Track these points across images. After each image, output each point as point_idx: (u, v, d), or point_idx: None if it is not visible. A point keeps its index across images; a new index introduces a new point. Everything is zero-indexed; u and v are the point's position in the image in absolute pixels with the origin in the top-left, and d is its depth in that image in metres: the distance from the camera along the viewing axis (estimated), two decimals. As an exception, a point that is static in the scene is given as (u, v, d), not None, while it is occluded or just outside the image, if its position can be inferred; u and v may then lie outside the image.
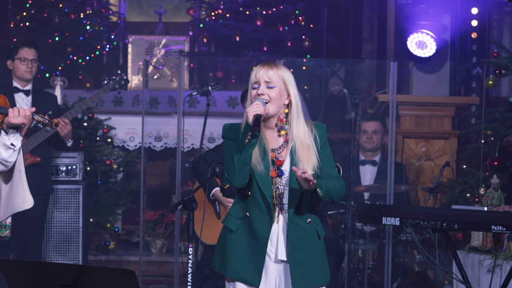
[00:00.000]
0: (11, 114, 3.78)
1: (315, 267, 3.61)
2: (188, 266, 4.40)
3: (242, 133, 3.49)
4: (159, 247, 7.55)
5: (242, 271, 3.57)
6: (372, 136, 6.60)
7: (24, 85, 5.91)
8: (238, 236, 3.60)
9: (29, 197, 3.97)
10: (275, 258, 3.59)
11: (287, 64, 8.04)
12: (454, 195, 6.20)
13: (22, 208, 3.98)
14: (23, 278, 3.13)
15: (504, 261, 4.81)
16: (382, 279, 6.07)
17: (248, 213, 3.58)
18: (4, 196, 3.96)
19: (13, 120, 3.78)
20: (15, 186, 3.94)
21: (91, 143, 7.20)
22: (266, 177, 3.54)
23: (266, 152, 3.55)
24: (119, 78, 5.84)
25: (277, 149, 3.59)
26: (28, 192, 3.96)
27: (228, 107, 8.76)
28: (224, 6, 9.34)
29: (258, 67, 3.59)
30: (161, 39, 9.21)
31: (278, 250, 3.58)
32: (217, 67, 9.28)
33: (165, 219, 7.62)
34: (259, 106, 3.47)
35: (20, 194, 3.95)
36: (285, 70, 3.60)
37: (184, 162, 7.85)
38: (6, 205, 3.96)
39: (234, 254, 3.59)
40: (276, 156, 3.57)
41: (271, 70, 3.55)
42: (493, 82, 5.67)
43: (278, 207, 3.57)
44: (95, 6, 9.26)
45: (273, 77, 3.54)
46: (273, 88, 3.54)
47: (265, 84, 3.54)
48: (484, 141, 5.96)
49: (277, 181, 3.56)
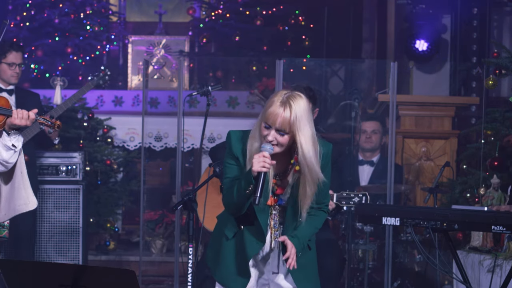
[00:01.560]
0: (15, 115, 3.78)
1: (307, 277, 3.62)
2: (188, 266, 4.40)
3: (244, 181, 3.35)
4: (159, 247, 7.55)
5: (229, 279, 3.59)
6: (371, 136, 6.59)
7: (7, 85, 5.89)
8: (232, 245, 3.59)
9: (33, 198, 3.97)
10: (267, 269, 3.62)
11: (287, 64, 8.04)
12: (454, 195, 6.20)
13: (25, 209, 3.99)
14: (23, 278, 3.13)
15: (504, 261, 4.81)
16: (382, 279, 6.07)
17: (242, 227, 3.56)
18: (5, 197, 3.95)
19: (16, 122, 3.78)
20: (17, 187, 3.94)
21: (91, 143, 7.19)
22: (264, 206, 3.47)
23: (267, 180, 3.41)
24: (103, 74, 5.87)
25: (280, 174, 3.50)
26: (31, 193, 3.97)
27: (228, 107, 8.76)
28: (224, 6, 9.33)
29: (274, 106, 3.33)
30: (161, 39, 9.21)
31: (269, 262, 3.60)
32: (217, 67, 9.27)
33: (165, 219, 7.62)
34: (266, 161, 3.30)
35: (22, 195, 3.95)
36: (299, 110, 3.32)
37: (184, 162, 7.86)
38: (7, 206, 3.95)
39: (226, 260, 3.60)
40: (277, 183, 3.49)
41: (286, 119, 3.31)
42: (493, 82, 5.66)
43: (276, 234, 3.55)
44: (95, 6, 9.26)
45: (286, 126, 3.33)
46: (284, 135, 3.35)
47: (276, 131, 3.35)
48: (484, 141, 5.96)
49: (274, 208, 3.53)
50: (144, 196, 6.75)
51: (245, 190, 3.35)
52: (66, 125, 7.09)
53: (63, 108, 5.84)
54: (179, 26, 9.77)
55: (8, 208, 3.97)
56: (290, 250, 3.43)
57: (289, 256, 3.43)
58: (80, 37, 9.01)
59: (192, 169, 8.42)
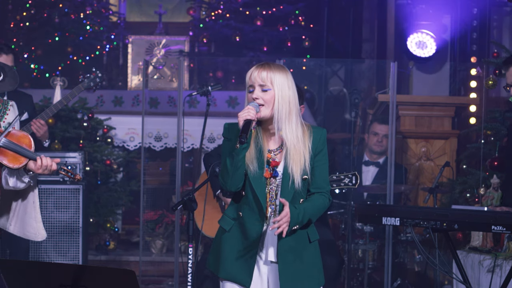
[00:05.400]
0: (38, 165, 3.74)
1: (305, 269, 3.60)
2: (188, 266, 4.40)
3: (234, 138, 3.47)
4: (159, 247, 7.55)
5: (234, 271, 3.58)
6: (383, 140, 6.57)
7: None
8: (231, 236, 3.60)
9: (42, 232, 3.99)
10: (265, 259, 3.59)
11: (287, 64, 8.04)
12: (454, 195, 6.20)
13: (34, 239, 4.03)
14: (23, 278, 3.13)
15: (504, 261, 4.81)
16: (382, 279, 6.07)
17: (241, 213, 3.58)
18: (17, 215, 3.97)
19: (37, 171, 3.77)
20: (29, 217, 3.95)
21: (91, 143, 7.20)
22: (260, 178, 3.53)
23: (262, 153, 3.53)
24: (94, 76, 5.82)
25: (274, 150, 3.57)
26: (41, 227, 3.98)
27: (228, 107, 8.76)
28: (224, 6, 9.34)
29: (252, 69, 3.54)
30: (161, 39, 9.22)
31: (268, 252, 3.58)
32: (217, 67, 9.28)
33: (165, 219, 7.62)
34: (250, 110, 3.44)
35: (33, 226, 3.97)
36: (279, 70, 3.52)
37: (184, 162, 7.86)
38: (18, 225, 3.96)
39: (227, 253, 3.60)
40: (272, 157, 3.56)
41: (264, 71, 3.50)
42: (493, 82, 5.67)
43: (271, 208, 3.56)
44: (95, 6, 9.26)
45: (266, 79, 3.48)
46: (268, 91, 3.49)
47: (259, 87, 3.50)
48: (484, 141, 5.96)
49: (271, 182, 3.55)
50: (144, 196, 6.75)
51: (235, 145, 3.44)
52: (66, 125, 7.10)
53: (54, 110, 5.80)
54: (179, 26, 9.77)
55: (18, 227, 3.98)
56: (283, 216, 3.43)
57: (278, 220, 3.43)
58: (80, 37, 9.01)
59: (192, 169, 8.42)
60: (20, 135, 3.81)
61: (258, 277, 3.59)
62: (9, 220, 3.98)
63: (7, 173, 3.80)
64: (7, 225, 3.99)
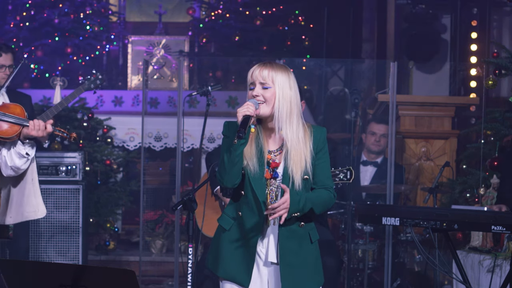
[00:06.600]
0: (31, 127, 3.76)
1: (306, 270, 3.59)
2: (188, 266, 4.40)
3: (233, 135, 3.47)
4: (159, 247, 7.55)
5: (233, 270, 3.58)
6: (381, 140, 6.58)
7: None
8: (231, 236, 3.60)
9: (42, 207, 3.98)
10: (266, 259, 3.59)
11: (287, 64, 8.02)
12: (454, 195, 6.20)
13: (34, 217, 4.00)
14: (23, 278, 3.13)
15: (504, 261, 4.81)
16: (382, 279, 6.07)
17: (240, 213, 3.58)
18: (15, 202, 3.95)
19: (33, 133, 3.77)
20: (27, 195, 3.94)
21: (91, 143, 7.20)
22: (260, 178, 3.52)
23: (262, 153, 3.53)
24: (94, 77, 5.82)
25: (274, 151, 3.57)
26: (41, 202, 3.97)
27: (228, 107, 8.76)
28: (224, 6, 9.33)
29: (254, 67, 3.55)
30: (161, 39, 9.21)
31: (268, 252, 3.58)
32: (217, 67, 9.28)
33: (165, 219, 7.62)
34: (249, 106, 3.44)
35: (32, 203, 3.96)
36: (281, 70, 3.53)
37: (184, 162, 7.86)
38: (16, 211, 3.96)
39: (226, 253, 3.60)
40: (272, 158, 3.55)
41: (266, 70, 3.51)
42: (493, 82, 5.66)
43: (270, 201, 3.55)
44: (95, 6, 9.26)
45: (267, 78, 3.50)
46: (268, 88, 3.50)
47: (260, 85, 3.51)
48: (484, 141, 5.96)
49: (271, 183, 3.55)
50: (144, 196, 6.75)
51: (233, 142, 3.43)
52: (65, 125, 7.10)
53: (54, 112, 5.80)
54: (179, 26, 9.77)
55: (16, 213, 3.97)
56: (281, 202, 3.42)
57: (275, 207, 3.42)
58: (80, 37, 9.01)
59: (192, 169, 8.42)
60: (12, 106, 3.85)
61: (257, 277, 3.59)
62: (7, 214, 3.98)
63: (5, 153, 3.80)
64: (6, 219, 3.98)
